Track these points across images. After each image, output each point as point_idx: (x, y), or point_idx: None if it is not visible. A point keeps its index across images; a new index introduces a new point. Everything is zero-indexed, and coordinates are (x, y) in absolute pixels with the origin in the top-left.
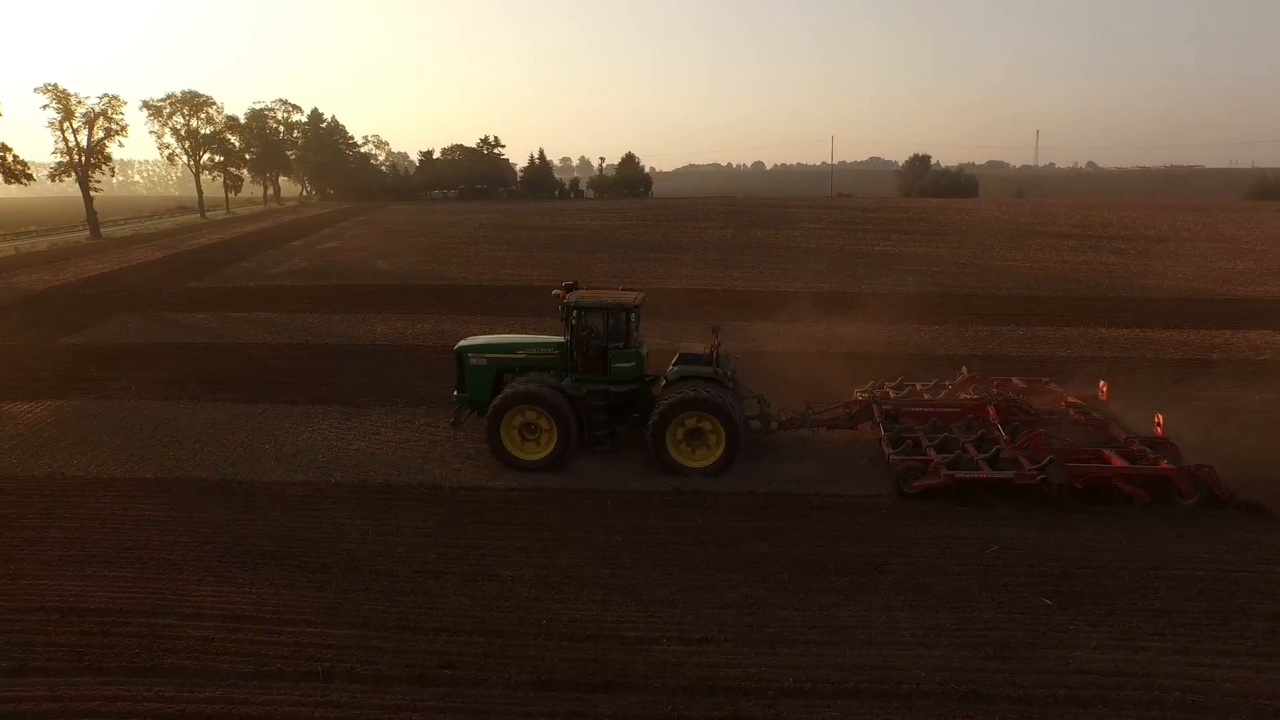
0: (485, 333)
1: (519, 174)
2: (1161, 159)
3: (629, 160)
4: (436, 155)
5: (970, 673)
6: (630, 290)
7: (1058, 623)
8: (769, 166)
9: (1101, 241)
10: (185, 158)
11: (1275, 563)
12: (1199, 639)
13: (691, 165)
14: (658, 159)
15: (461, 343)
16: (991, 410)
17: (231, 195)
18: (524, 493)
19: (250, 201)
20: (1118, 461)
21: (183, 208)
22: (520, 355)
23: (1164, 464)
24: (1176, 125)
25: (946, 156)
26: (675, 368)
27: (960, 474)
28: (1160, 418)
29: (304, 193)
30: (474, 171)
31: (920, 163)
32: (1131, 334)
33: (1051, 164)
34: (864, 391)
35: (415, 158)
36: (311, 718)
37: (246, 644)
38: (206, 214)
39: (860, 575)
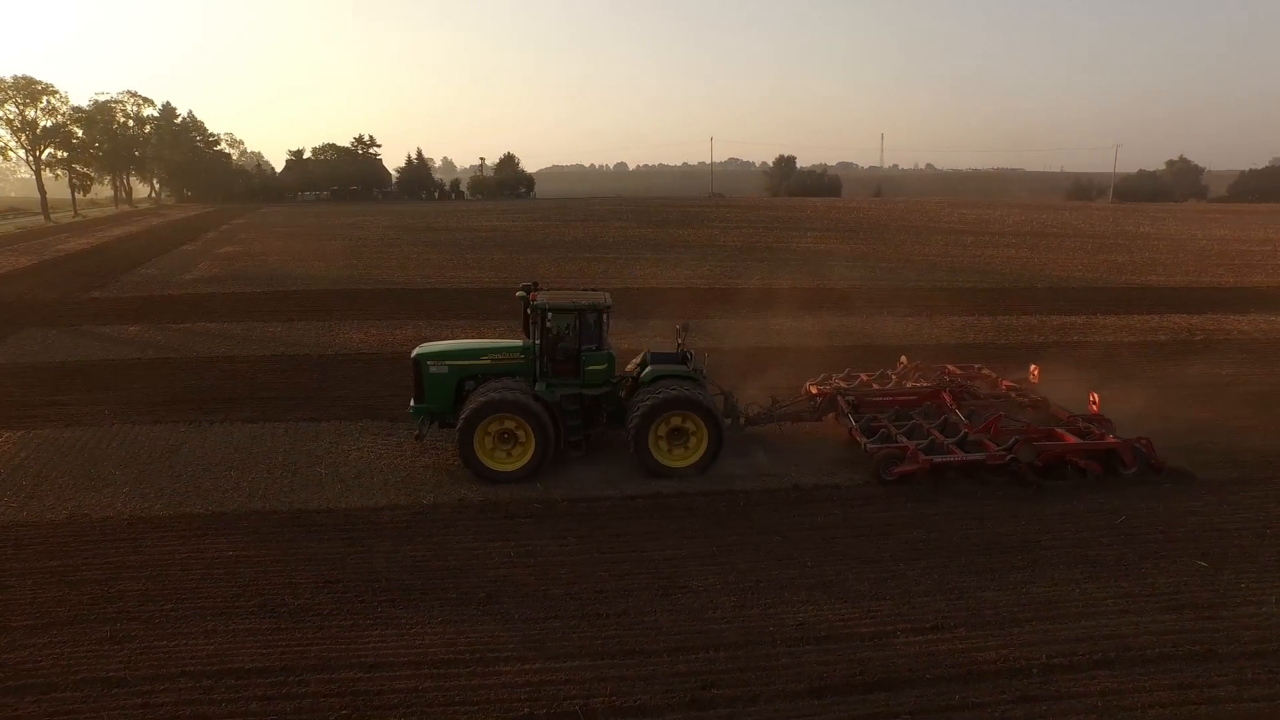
0: (471, 337)
1: (395, 175)
2: (989, 162)
3: (508, 161)
4: (307, 155)
5: (1192, 634)
6: (595, 290)
7: (1226, 582)
8: (632, 168)
9: (995, 237)
10: (21, 153)
11: None
12: None
13: (556, 166)
14: (522, 160)
15: (419, 349)
16: (947, 396)
17: (79, 196)
18: (646, 500)
19: (94, 203)
20: (1071, 438)
21: (14, 209)
22: (485, 361)
23: (1110, 438)
24: (999, 131)
25: (802, 157)
26: (648, 368)
27: (937, 458)
28: (1095, 396)
29: (154, 193)
30: (348, 172)
31: (786, 164)
32: (1083, 320)
33: (895, 165)
34: (816, 384)
35: (271, 158)
36: None
37: (469, 690)
38: (51, 216)
39: (1025, 554)
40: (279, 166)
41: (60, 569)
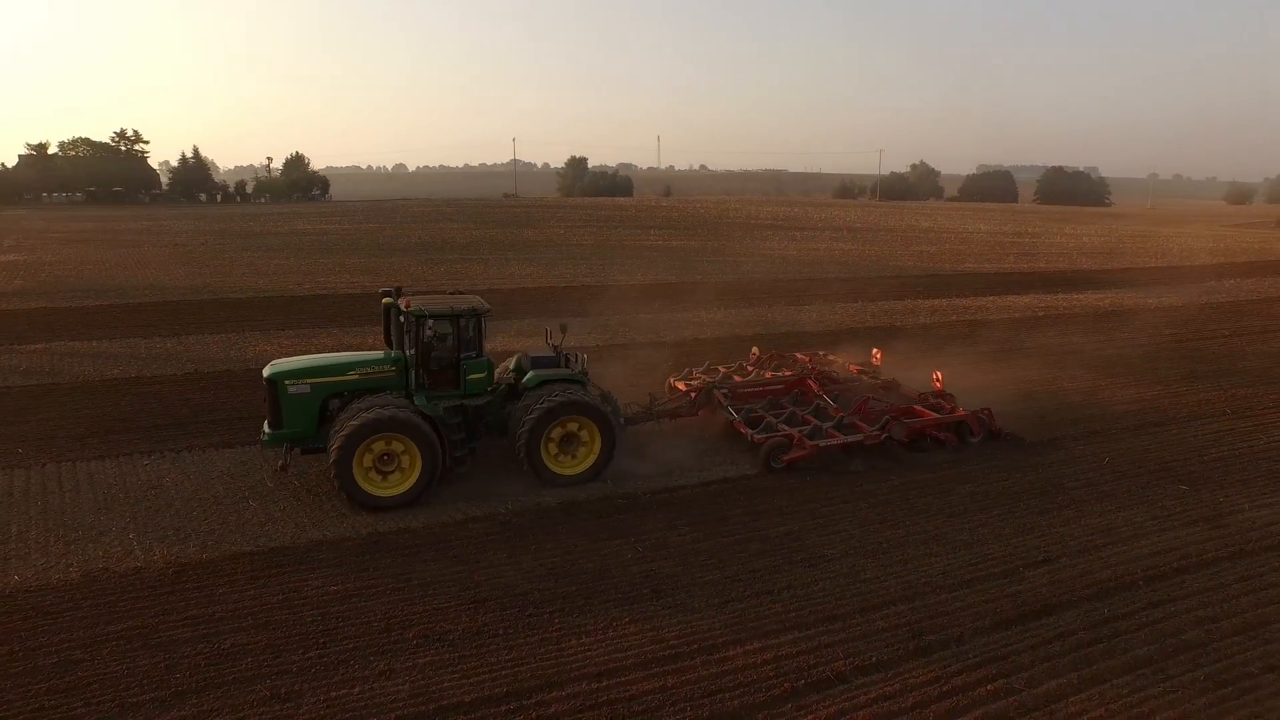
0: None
1: (165, 175)
2: (758, 164)
3: (298, 161)
4: (54, 150)
5: (1218, 541)
6: (466, 293)
7: (1208, 499)
8: (411, 169)
9: (818, 233)
10: None
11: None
12: None
13: (331, 167)
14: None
15: (272, 368)
16: (813, 383)
17: None
18: (720, 485)
19: None
20: (929, 414)
21: None
22: (352, 376)
23: (960, 411)
24: (766, 134)
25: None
26: (530, 373)
27: (822, 443)
28: (938, 374)
29: None
30: (108, 171)
31: (579, 165)
32: (946, 303)
33: (671, 166)
34: (680, 380)
35: None
36: (884, 711)
37: (714, 679)
38: None
39: (1061, 495)
40: None
41: (131, 632)
